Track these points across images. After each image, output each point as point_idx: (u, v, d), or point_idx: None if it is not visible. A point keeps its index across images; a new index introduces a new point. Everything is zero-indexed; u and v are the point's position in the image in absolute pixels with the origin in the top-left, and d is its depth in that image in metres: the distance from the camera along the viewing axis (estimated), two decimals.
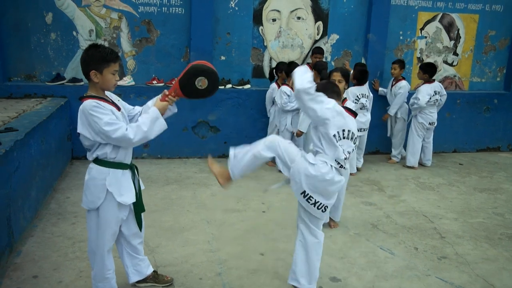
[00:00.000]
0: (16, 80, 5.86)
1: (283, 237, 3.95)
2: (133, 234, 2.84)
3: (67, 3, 5.79)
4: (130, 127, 2.52)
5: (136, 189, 2.73)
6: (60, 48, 5.91)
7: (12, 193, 3.34)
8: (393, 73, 6.32)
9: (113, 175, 2.58)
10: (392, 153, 6.62)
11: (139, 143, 2.58)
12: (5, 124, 4.03)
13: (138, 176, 2.79)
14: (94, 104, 2.45)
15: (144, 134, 2.54)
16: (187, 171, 5.73)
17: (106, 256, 2.70)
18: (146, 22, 6.07)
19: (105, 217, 2.61)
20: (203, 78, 2.67)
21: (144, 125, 2.55)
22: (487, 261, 3.67)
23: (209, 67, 2.70)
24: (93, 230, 2.67)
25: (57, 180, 5.01)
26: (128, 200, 2.64)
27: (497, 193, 5.41)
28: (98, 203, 2.58)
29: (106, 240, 2.66)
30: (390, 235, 4.07)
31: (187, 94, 2.71)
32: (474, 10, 7.20)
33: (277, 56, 6.61)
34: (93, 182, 2.58)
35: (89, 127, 2.47)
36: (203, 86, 2.68)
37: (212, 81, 2.69)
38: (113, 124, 2.45)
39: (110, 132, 2.44)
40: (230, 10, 6.29)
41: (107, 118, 2.44)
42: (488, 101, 7.39)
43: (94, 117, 2.43)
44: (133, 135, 2.50)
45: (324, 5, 6.60)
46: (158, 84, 6.10)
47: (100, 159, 2.57)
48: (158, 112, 2.62)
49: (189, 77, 2.67)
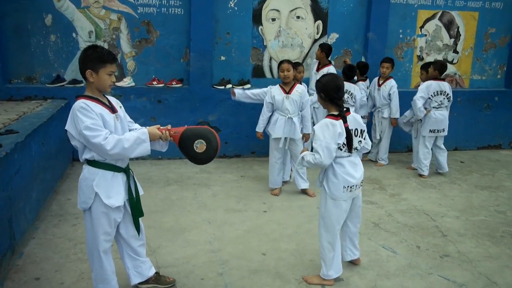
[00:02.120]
0: (17, 82, 5.86)
1: (284, 237, 3.94)
2: (132, 237, 2.83)
3: (66, 5, 5.79)
4: (112, 137, 2.47)
5: (133, 193, 2.71)
6: (60, 49, 5.91)
7: (13, 195, 3.34)
8: (385, 72, 6.13)
9: (102, 176, 2.56)
10: (379, 156, 6.39)
11: (116, 157, 2.54)
12: (5, 126, 4.03)
13: (135, 180, 2.77)
14: (82, 105, 2.45)
15: (123, 151, 2.49)
16: (188, 172, 5.73)
17: (103, 257, 2.69)
18: (146, 23, 6.07)
19: (96, 217, 2.60)
20: (204, 144, 2.69)
21: (126, 141, 2.49)
22: (490, 259, 3.66)
23: (217, 141, 2.73)
24: (88, 230, 2.67)
25: (58, 181, 5.01)
26: (115, 202, 2.59)
27: (499, 191, 5.40)
28: (89, 204, 2.57)
29: (100, 241, 2.65)
30: (392, 234, 4.07)
31: (182, 144, 2.71)
32: (473, 7, 7.18)
33: (277, 55, 6.61)
34: (85, 183, 2.58)
35: (74, 126, 2.48)
36: (198, 150, 2.70)
37: (208, 152, 2.71)
38: (94, 130, 2.42)
39: (89, 137, 2.42)
40: (230, 10, 6.28)
41: (89, 122, 2.42)
42: (489, 99, 7.38)
43: (78, 118, 2.43)
44: (111, 147, 2.44)
45: (324, 4, 6.60)
46: (158, 85, 6.09)
47: (91, 160, 2.57)
48: (147, 136, 2.57)
49: (195, 134, 2.70)
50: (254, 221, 4.27)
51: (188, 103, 6.17)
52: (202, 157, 2.73)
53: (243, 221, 4.26)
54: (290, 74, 4.68)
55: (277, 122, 4.80)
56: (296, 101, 4.76)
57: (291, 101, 4.75)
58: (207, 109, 6.21)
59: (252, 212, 4.49)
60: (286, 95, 4.75)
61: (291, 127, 4.78)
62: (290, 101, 4.75)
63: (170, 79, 6.19)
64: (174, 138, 2.71)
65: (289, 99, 4.74)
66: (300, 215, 4.45)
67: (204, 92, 6.20)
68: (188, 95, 6.16)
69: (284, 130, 4.78)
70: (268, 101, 4.85)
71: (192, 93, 6.16)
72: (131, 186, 2.71)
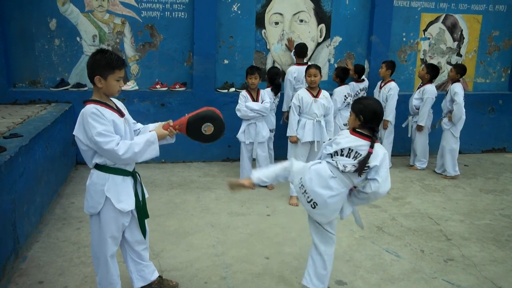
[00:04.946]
0: (21, 86, 5.89)
1: (288, 240, 3.93)
2: (136, 241, 2.83)
3: (70, 9, 5.83)
4: (123, 143, 2.49)
5: (139, 196, 2.72)
6: (64, 53, 5.94)
7: (17, 199, 3.35)
8: (381, 73, 6.20)
9: (112, 181, 2.57)
10: None
11: (127, 161, 2.57)
12: (10, 130, 4.05)
13: (141, 183, 2.78)
14: (93, 110, 2.44)
15: (134, 155, 2.52)
16: (191, 175, 5.73)
17: (110, 261, 2.69)
18: (149, 26, 6.09)
19: (105, 222, 2.60)
20: (211, 125, 2.76)
21: (137, 146, 2.53)
22: (495, 263, 3.63)
23: (220, 117, 2.81)
24: (95, 235, 2.67)
25: (62, 185, 5.02)
26: (127, 207, 2.61)
27: (504, 194, 5.37)
28: (98, 208, 2.58)
29: (108, 245, 2.65)
30: (396, 238, 4.05)
31: (190, 133, 2.77)
32: (477, 10, 7.17)
33: (280, 59, 6.61)
34: (94, 188, 2.58)
35: (83, 131, 2.47)
36: (207, 132, 2.78)
37: (217, 130, 2.80)
38: (106, 136, 2.43)
39: (101, 143, 2.42)
40: (233, 14, 6.30)
41: (101, 128, 2.42)
42: (493, 102, 7.35)
43: (90, 124, 2.42)
44: (123, 152, 2.47)
45: (327, 7, 6.60)
46: (161, 89, 6.11)
47: (101, 165, 2.57)
48: (156, 138, 2.62)
49: (199, 119, 2.75)
50: (258, 224, 4.26)
51: (192, 106, 6.15)
52: (213, 136, 2.81)
53: (246, 224, 4.25)
54: (317, 79, 4.71)
55: (306, 126, 4.77)
56: (323, 105, 4.76)
57: (319, 104, 4.75)
58: None
59: (256, 215, 4.49)
60: (314, 98, 4.76)
61: (321, 130, 4.77)
62: (318, 104, 4.74)
63: (174, 83, 6.20)
64: (180, 130, 2.76)
65: (317, 102, 4.75)
66: (303, 218, 4.41)
67: (208, 95, 6.21)
68: (192, 98, 6.17)
69: (314, 134, 4.77)
70: (297, 104, 4.83)
71: (195, 96, 6.18)
72: (137, 189, 2.72)
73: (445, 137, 6.02)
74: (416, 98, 6.14)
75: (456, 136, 5.96)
